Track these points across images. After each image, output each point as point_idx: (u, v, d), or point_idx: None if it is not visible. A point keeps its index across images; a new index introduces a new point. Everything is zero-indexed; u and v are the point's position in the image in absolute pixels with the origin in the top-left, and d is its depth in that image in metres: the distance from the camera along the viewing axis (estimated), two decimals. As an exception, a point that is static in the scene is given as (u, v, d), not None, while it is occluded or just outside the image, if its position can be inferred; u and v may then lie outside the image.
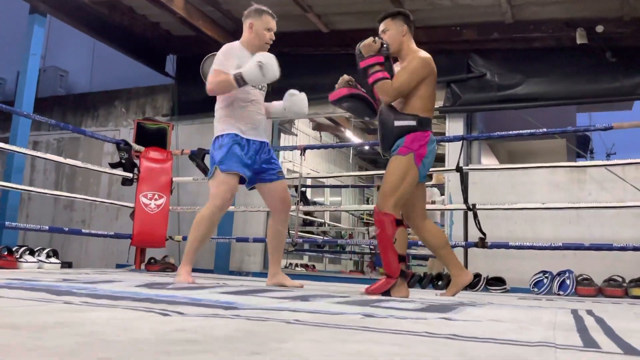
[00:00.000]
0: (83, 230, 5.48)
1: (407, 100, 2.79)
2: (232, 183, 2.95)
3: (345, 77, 2.92)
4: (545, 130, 4.34)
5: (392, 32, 2.85)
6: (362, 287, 2.82)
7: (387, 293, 2.64)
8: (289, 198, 3.20)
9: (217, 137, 3.03)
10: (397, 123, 2.76)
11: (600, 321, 1.64)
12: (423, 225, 2.93)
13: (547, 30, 5.16)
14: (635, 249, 3.78)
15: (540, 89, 5.22)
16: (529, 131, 4.33)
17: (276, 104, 3.24)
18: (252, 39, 3.06)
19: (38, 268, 4.22)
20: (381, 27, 2.89)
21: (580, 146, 10.56)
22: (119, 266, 5.95)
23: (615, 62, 4.93)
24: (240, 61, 2.92)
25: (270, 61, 2.80)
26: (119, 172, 5.10)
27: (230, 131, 2.99)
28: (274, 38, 3.10)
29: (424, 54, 2.81)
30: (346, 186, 9.88)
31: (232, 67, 2.90)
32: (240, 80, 2.83)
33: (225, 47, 3.02)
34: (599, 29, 4.87)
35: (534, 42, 5.28)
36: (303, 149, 5.04)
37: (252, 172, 3.04)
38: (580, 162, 5.05)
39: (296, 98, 3.18)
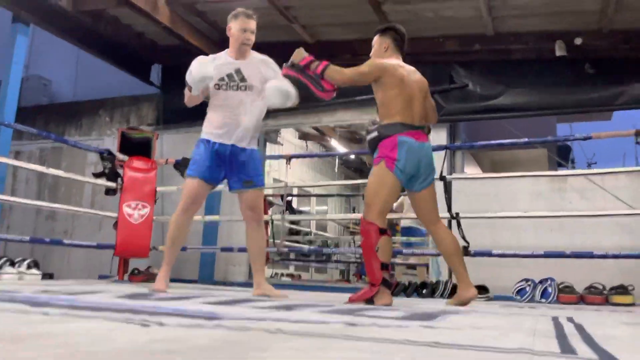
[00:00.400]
0: (65, 241, 5.41)
1: (382, 113, 2.88)
2: (192, 187, 3.06)
3: (295, 55, 2.99)
4: (526, 140, 4.41)
5: (375, 47, 2.99)
6: (348, 296, 2.82)
7: (370, 301, 2.65)
8: (260, 208, 3.17)
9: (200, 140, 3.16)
10: (367, 138, 2.90)
11: (579, 328, 1.66)
12: (435, 230, 2.95)
13: (527, 42, 5.27)
14: (615, 256, 3.84)
15: (521, 100, 5.31)
16: (510, 141, 4.40)
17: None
18: (232, 41, 3.12)
19: (18, 279, 4.16)
20: (373, 41, 3.04)
21: (562, 155, 10.73)
22: (101, 277, 5.88)
23: (594, 74, 5.04)
24: (216, 64, 3.01)
25: (196, 63, 2.92)
26: (102, 181, 5.06)
27: (202, 136, 3.10)
28: (250, 38, 3.08)
29: (381, 59, 2.90)
30: (332, 195, 9.89)
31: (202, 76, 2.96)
32: (189, 84, 2.97)
33: (197, 59, 3.03)
34: (578, 41, 4.98)
35: (514, 53, 5.37)
36: (288, 158, 5.05)
37: (220, 174, 3.09)
38: (561, 172, 5.13)
39: (269, 92, 3.03)
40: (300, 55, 2.96)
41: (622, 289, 3.79)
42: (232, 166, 3.07)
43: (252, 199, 3.11)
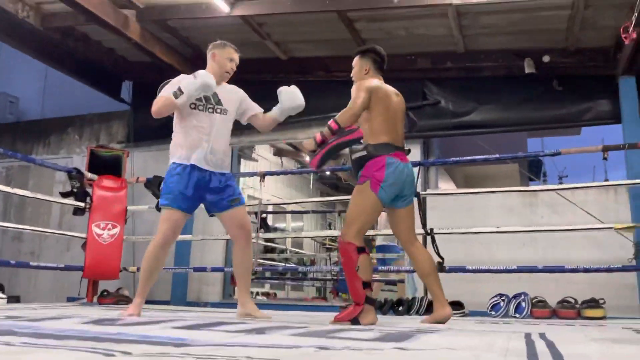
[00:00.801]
0: (31, 263, 5.23)
1: (363, 128, 2.87)
2: (173, 218, 2.97)
3: (306, 144, 2.91)
4: (497, 155, 4.47)
5: (355, 69, 3.02)
6: (325, 315, 2.81)
7: (356, 321, 2.67)
8: (248, 224, 3.15)
9: (169, 165, 3.04)
10: (353, 156, 2.88)
11: (551, 346, 1.66)
12: (412, 249, 2.95)
13: (497, 60, 5.37)
14: (585, 270, 3.89)
15: (492, 116, 5.40)
16: (482, 157, 4.45)
17: (274, 110, 3.21)
18: (215, 68, 3.10)
19: (-19, 304, 4.00)
20: (353, 62, 3.05)
21: (533, 170, 10.94)
22: (70, 299, 5.70)
23: (562, 90, 5.16)
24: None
25: (203, 72, 2.91)
26: (70, 201, 4.94)
27: (174, 160, 3.00)
28: (234, 69, 3.15)
29: (367, 81, 2.91)
30: (307, 212, 9.85)
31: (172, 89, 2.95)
32: (178, 92, 2.87)
33: (178, 77, 3.06)
34: (546, 58, 5.10)
35: (485, 71, 5.47)
36: (262, 175, 5.01)
37: (198, 202, 3.04)
38: (532, 187, 5.21)
39: (284, 96, 3.14)
40: (311, 142, 2.88)
41: (593, 303, 3.84)
42: (212, 191, 3.03)
43: (241, 216, 3.10)
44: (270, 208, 8.78)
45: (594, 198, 4.75)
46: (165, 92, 2.98)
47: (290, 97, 3.14)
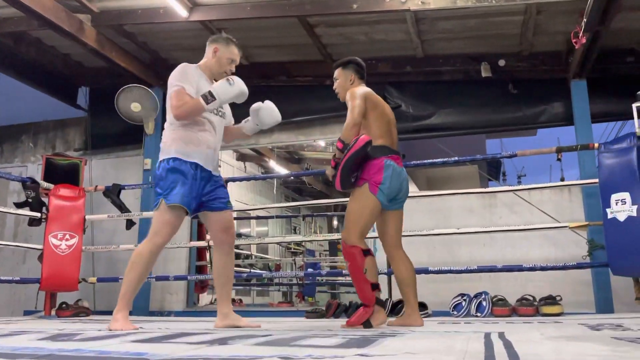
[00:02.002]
0: (-16, 277, 5.03)
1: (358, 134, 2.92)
2: (175, 217, 2.77)
3: (327, 173, 2.95)
4: (457, 158, 4.56)
5: (340, 81, 3.07)
6: (292, 319, 2.82)
7: (368, 323, 2.76)
8: (234, 229, 3.07)
9: (163, 160, 2.82)
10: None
11: (508, 346, 1.70)
12: (395, 255, 3.02)
13: (455, 64, 5.48)
14: (542, 268, 4.01)
15: (451, 119, 5.51)
16: (442, 160, 4.53)
17: (246, 124, 3.11)
18: (213, 64, 2.94)
19: None
20: (334, 75, 3.10)
21: (492, 170, 11.21)
22: (27, 313, 5.51)
23: (517, 94, 5.31)
24: (199, 83, 2.83)
25: (239, 79, 2.79)
26: (25, 212, 4.77)
27: (174, 155, 2.79)
28: (234, 70, 2.98)
29: (358, 88, 2.97)
30: (272, 217, 9.82)
31: (191, 86, 2.78)
32: (209, 96, 2.71)
33: (182, 67, 2.85)
34: (501, 63, 5.25)
35: (443, 75, 5.58)
36: (225, 182, 4.95)
37: (197, 203, 2.86)
38: (491, 188, 5.34)
39: (263, 111, 3.06)
40: (330, 170, 2.90)
41: (551, 300, 3.96)
42: (208, 192, 2.89)
43: (230, 220, 2.99)
44: (234, 214, 8.70)
45: (550, 198, 4.90)
46: (185, 85, 2.76)
47: (270, 114, 3.07)
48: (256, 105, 3.08)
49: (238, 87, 2.76)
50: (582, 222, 4.19)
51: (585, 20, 4.01)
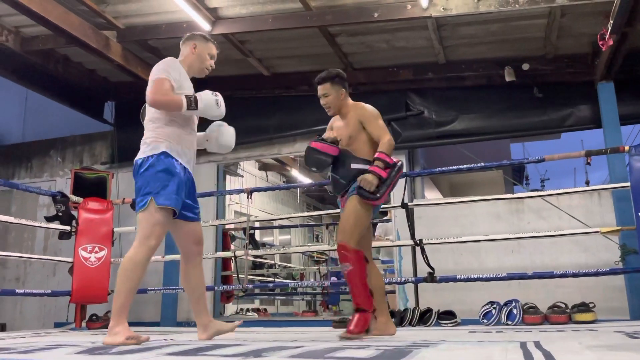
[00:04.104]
0: (17, 290, 5.14)
1: (356, 145, 3.03)
2: (166, 219, 2.63)
3: (371, 182, 2.89)
4: (483, 164, 4.51)
5: (331, 97, 3.10)
6: (317, 330, 2.81)
7: (369, 330, 2.81)
8: (203, 239, 2.95)
9: (151, 156, 2.65)
10: (353, 166, 2.99)
11: (548, 356, 1.67)
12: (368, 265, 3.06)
13: (477, 69, 5.44)
14: (574, 275, 3.93)
15: (474, 125, 5.46)
16: (468, 166, 4.48)
17: (198, 135, 2.94)
18: (193, 60, 2.86)
19: (-34, 335, 3.91)
20: (320, 90, 3.11)
21: (516, 174, 11.06)
22: (57, 325, 5.61)
23: (542, 97, 5.24)
24: (181, 77, 2.75)
25: (223, 103, 2.76)
26: (55, 225, 4.87)
27: (164, 149, 2.65)
28: (214, 67, 2.94)
29: (370, 107, 3.10)
30: (295, 226, 9.83)
31: (175, 80, 2.69)
32: (193, 104, 2.63)
33: (170, 59, 2.78)
34: (525, 66, 5.18)
35: (466, 80, 5.54)
36: (250, 192, 4.99)
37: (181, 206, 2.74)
38: (518, 194, 5.26)
39: (225, 129, 2.97)
40: (374, 181, 2.89)
41: (584, 307, 3.88)
42: (187, 197, 2.77)
43: (200, 231, 2.87)
44: (257, 224, 8.75)
45: (579, 202, 4.82)
46: (168, 76, 2.66)
47: (226, 136, 2.97)
48: (221, 122, 2.98)
49: (221, 111, 2.74)
50: (614, 227, 4.10)
51: (611, 21, 3.95)
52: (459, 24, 4.82)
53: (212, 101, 2.71)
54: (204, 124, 2.96)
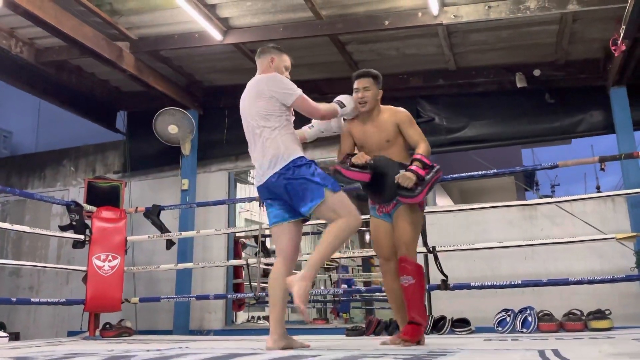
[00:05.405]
0: (32, 299, 5.18)
1: (394, 150, 2.97)
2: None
3: (409, 179, 2.80)
4: (495, 171, 4.49)
5: (372, 92, 3.02)
6: (329, 337, 2.80)
7: (419, 342, 2.78)
8: None
9: (298, 158, 2.70)
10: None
11: (569, 365, 1.66)
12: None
13: (488, 75, 5.44)
14: (590, 282, 3.90)
15: (485, 131, 5.45)
16: (480, 173, 4.47)
17: (311, 130, 3.04)
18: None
19: (-17, 344, 3.94)
20: (363, 82, 3.02)
21: (527, 180, 11.01)
22: (71, 333, 5.64)
23: (554, 103, 5.22)
24: None
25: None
26: (69, 234, 4.90)
27: (300, 154, 2.73)
28: (289, 78, 2.96)
29: (398, 108, 3.09)
30: (306, 233, 9.82)
31: None
32: (342, 104, 2.90)
33: (281, 76, 2.85)
34: (536, 72, 5.17)
35: (477, 86, 5.53)
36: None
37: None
38: (531, 200, 5.23)
39: (344, 98, 3.02)
40: (413, 178, 2.80)
41: (599, 314, 3.84)
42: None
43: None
44: (268, 231, 8.74)
45: (593, 208, 4.78)
46: (328, 105, 2.89)
47: (349, 100, 3.04)
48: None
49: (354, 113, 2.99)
50: (629, 233, 4.07)
51: (624, 27, 3.93)
52: (470, 30, 4.82)
53: (352, 105, 2.97)
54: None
